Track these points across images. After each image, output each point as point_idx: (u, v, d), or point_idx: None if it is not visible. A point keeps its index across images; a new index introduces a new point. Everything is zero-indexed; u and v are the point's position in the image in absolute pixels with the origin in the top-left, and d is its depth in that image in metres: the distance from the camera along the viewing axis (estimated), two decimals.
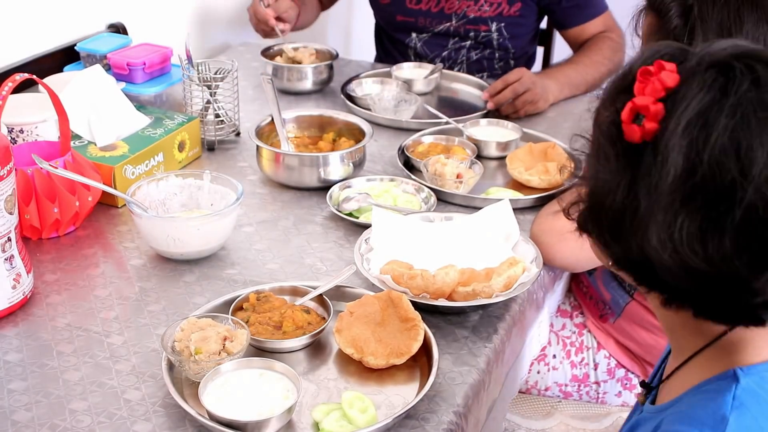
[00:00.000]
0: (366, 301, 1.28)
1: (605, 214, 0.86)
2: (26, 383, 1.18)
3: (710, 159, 0.77)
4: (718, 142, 0.77)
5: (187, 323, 1.20)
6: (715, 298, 0.84)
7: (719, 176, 0.77)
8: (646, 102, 0.81)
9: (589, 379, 1.76)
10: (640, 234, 0.82)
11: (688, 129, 0.78)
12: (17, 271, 1.30)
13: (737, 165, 0.76)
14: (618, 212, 0.84)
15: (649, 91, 0.82)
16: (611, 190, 0.84)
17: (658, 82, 0.81)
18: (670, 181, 0.79)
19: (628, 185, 0.83)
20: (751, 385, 0.85)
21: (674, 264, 0.81)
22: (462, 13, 2.25)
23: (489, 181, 1.76)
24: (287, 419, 1.10)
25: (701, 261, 0.79)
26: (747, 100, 0.77)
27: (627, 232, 0.84)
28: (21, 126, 1.57)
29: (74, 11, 2.02)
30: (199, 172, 1.53)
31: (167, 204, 1.51)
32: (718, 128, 0.77)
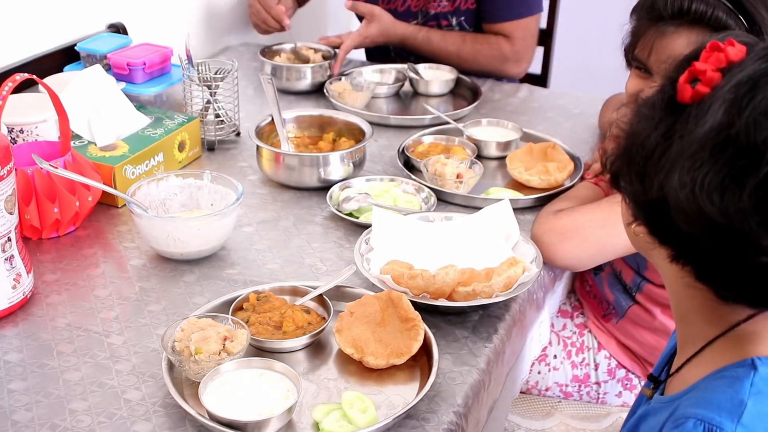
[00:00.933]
0: (366, 301, 1.28)
1: (637, 151, 0.89)
2: (26, 383, 1.18)
3: (749, 117, 0.79)
4: (762, 104, 0.80)
5: (187, 323, 1.20)
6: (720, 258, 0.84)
7: (753, 135, 0.79)
8: (705, 68, 0.85)
9: (589, 380, 1.76)
10: (664, 173, 0.84)
11: (736, 88, 0.81)
12: (17, 271, 1.30)
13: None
14: (649, 151, 0.87)
15: (712, 60, 0.86)
16: (648, 133, 0.88)
17: (723, 54, 0.85)
18: (706, 129, 0.81)
19: (665, 130, 0.86)
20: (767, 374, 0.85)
21: (690, 208, 0.82)
22: (425, 10, 2.28)
23: (489, 181, 1.76)
24: (287, 419, 1.10)
25: (716, 211, 0.80)
26: None
27: (652, 170, 0.86)
28: (21, 126, 1.57)
29: (74, 11, 2.02)
30: (199, 172, 1.53)
31: (167, 204, 1.51)
32: (764, 92, 0.80)
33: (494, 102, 2.15)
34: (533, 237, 1.50)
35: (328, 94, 2.07)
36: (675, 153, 0.84)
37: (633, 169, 0.90)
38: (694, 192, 0.81)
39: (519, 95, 2.21)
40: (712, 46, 0.87)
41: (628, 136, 0.92)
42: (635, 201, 0.92)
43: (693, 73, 0.86)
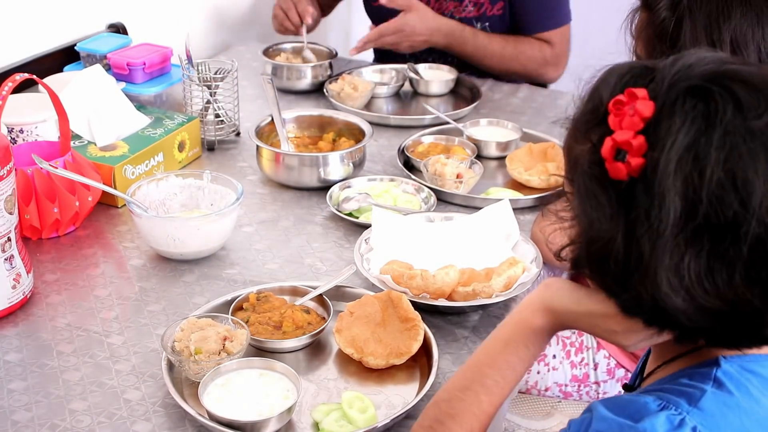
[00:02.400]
0: (366, 301, 1.28)
1: (609, 264, 0.82)
2: (26, 383, 1.18)
3: (709, 195, 0.75)
4: (714, 177, 0.75)
5: (187, 323, 1.20)
6: (729, 332, 0.83)
7: (721, 212, 0.75)
8: (626, 137, 0.78)
9: (589, 379, 1.76)
10: (650, 281, 0.79)
11: (680, 166, 0.76)
12: (17, 271, 1.30)
13: (737, 197, 0.75)
14: (622, 262, 0.81)
15: (626, 124, 0.79)
16: (611, 239, 0.81)
17: (635, 114, 0.78)
18: (672, 223, 0.76)
19: (626, 231, 0.80)
20: (730, 370, 0.85)
21: (688, 306, 0.79)
22: (449, 14, 2.26)
23: (489, 181, 1.76)
24: (287, 419, 1.10)
25: (714, 299, 0.78)
26: (734, 129, 0.75)
27: (635, 280, 0.81)
28: (21, 126, 1.57)
29: (74, 11, 2.02)
30: (199, 172, 1.53)
31: (167, 204, 1.51)
32: (711, 162, 0.75)
33: (494, 102, 2.15)
34: (533, 237, 1.49)
35: (328, 94, 2.07)
36: (650, 256, 0.78)
37: (611, 280, 0.85)
38: (689, 292, 0.78)
39: (519, 95, 2.21)
40: (615, 103, 0.80)
41: (590, 241, 0.84)
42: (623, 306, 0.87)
43: (615, 146, 0.79)
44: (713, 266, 0.77)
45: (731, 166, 0.75)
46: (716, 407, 0.82)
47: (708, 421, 0.81)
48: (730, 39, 1.33)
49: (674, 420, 0.81)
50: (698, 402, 0.82)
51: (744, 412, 0.83)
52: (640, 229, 0.78)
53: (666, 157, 0.76)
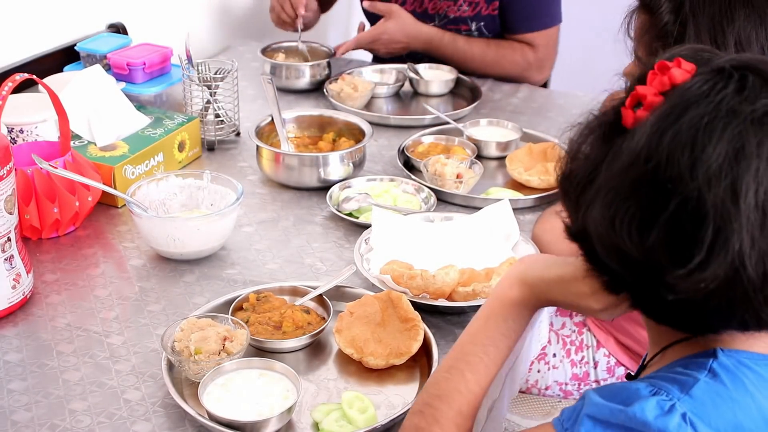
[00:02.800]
0: (366, 302, 1.28)
1: (572, 181, 0.88)
2: (26, 383, 1.18)
3: (668, 149, 0.78)
4: (680, 136, 0.78)
5: (187, 323, 1.20)
6: (641, 291, 0.85)
7: (669, 168, 0.78)
8: (647, 92, 0.82)
9: (589, 378, 1.76)
10: (586, 206, 0.84)
11: (661, 118, 0.80)
12: (17, 271, 1.30)
13: (688, 161, 0.77)
14: (580, 182, 0.86)
15: (656, 83, 0.83)
16: (582, 160, 0.87)
17: (668, 76, 0.82)
18: (627, 162, 0.80)
19: (597, 160, 0.85)
20: (727, 362, 0.85)
21: (608, 242, 0.82)
22: (443, 14, 2.27)
23: (489, 181, 1.76)
24: (287, 419, 1.10)
25: (632, 245, 0.80)
26: (724, 104, 0.78)
27: (581, 201, 0.86)
28: (21, 126, 1.57)
29: (74, 11, 2.02)
30: (199, 172, 1.53)
31: (167, 204, 1.51)
32: (685, 123, 0.78)
33: (494, 102, 2.15)
34: (535, 237, 1.49)
35: (328, 94, 2.07)
36: (598, 185, 0.83)
37: (568, 197, 0.89)
38: (613, 227, 0.81)
39: (519, 95, 2.21)
40: (660, 66, 0.84)
41: (567, 160, 0.91)
42: (567, 227, 0.91)
43: (635, 97, 0.84)
44: (642, 216, 0.79)
45: (698, 132, 0.77)
46: (708, 396, 0.83)
47: (699, 409, 0.81)
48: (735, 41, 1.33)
49: (664, 405, 0.81)
50: (690, 389, 0.83)
51: (737, 405, 0.83)
52: (605, 163, 0.83)
53: (658, 107, 0.81)
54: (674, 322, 0.88)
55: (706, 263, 0.77)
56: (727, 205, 0.76)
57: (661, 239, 0.79)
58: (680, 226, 0.78)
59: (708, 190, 0.76)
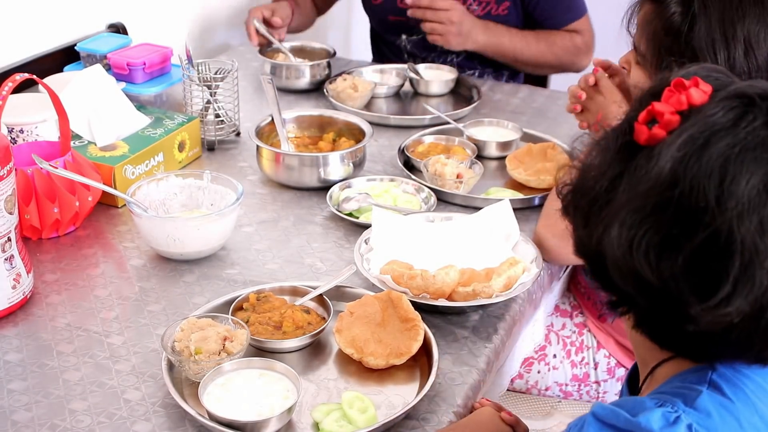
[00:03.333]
0: (366, 302, 1.28)
1: (584, 195, 0.87)
2: (26, 383, 1.18)
3: (694, 178, 0.77)
4: (708, 165, 0.77)
5: (187, 323, 1.20)
6: (654, 315, 0.84)
7: (696, 197, 0.77)
8: (664, 109, 0.82)
9: (589, 379, 1.76)
10: (604, 226, 0.83)
11: (688, 143, 0.79)
12: (17, 271, 1.30)
13: (716, 192, 0.76)
14: (595, 198, 0.85)
15: (673, 101, 0.82)
16: (597, 176, 0.86)
17: (686, 95, 0.81)
18: (650, 185, 0.79)
19: (614, 176, 0.84)
20: (726, 373, 0.85)
21: (625, 265, 0.81)
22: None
23: (489, 181, 1.76)
24: (287, 419, 1.10)
25: (650, 271, 0.80)
26: (753, 136, 0.77)
27: (595, 218, 0.85)
28: (21, 126, 1.57)
29: (74, 11, 2.02)
30: (200, 172, 1.53)
31: (167, 204, 1.51)
32: (714, 152, 0.77)
33: (494, 102, 2.15)
34: (536, 236, 1.49)
35: (328, 94, 2.07)
36: (618, 205, 0.82)
37: (579, 211, 0.89)
38: (631, 250, 0.80)
39: (519, 95, 2.21)
40: (676, 83, 0.83)
41: (582, 169, 0.89)
42: (577, 243, 0.91)
43: (651, 113, 0.83)
44: (664, 242, 0.79)
45: (729, 164, 0.76)
46: (713, 408, 0.82)
47: (705, 421, 0.81)
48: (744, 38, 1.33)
49: (670, 417, 0.81)
50: (694, 402, 0.83)
51: (741, 415, 0.83)
52: (624, 180, 0.82)
53: (682, 129, 0.80)
54: (682, 349, 0.87)
55: (731, 297, 0.76)
56: (756, 241, 0.75)
57: (684, 269, 0.78)
58: (706, 258, 0.77)
59: (739, 224, 0.75)
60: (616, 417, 0.83)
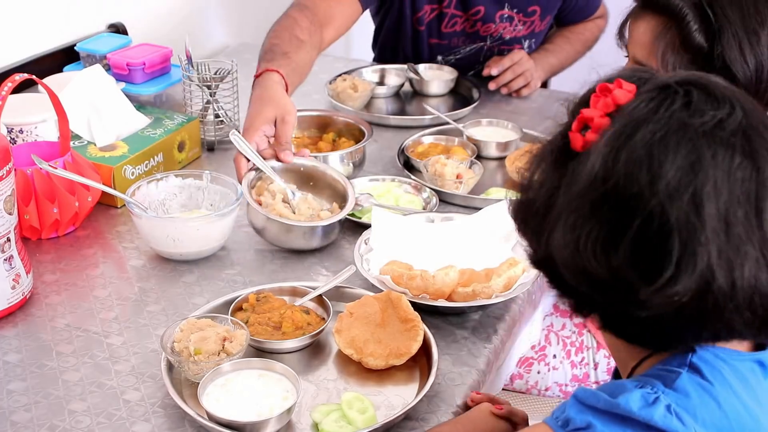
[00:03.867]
0: (366, 302, 1.28)
1: (528, 209, 0.89)
2: (25, 384, 1.18)
3: (624, 168, 0.79)
4: (635, 154, 0.79)
5: (187, 324, 1.20)
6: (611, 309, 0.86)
7: (628, 186, 0.79)
8: (593, 114, 0.84)
9: (589, 379, 1.76)
10: (548, 232, 0.85)
11: (614, 138, 0.81)
12: (16, 272, 1.30)
13: (647, 177, 0.78)
14: (537, 209, 0.87)
15: (600, 105, 0.84)
16: (538, 189, 0.88)
17: (611, 98, 0.84)
18: (584, 184, 0.81)
19: (552, 185, 0.86)
20: (705, 356, 0.86)
21: (574, 266, 0.83)
22: (498, 35, 2.23)
23: (489, 182, 1.76)
24: (286, 420, 1.10)
25: (598, 267, 0.81)
26: (674, 119, 0.79)
27: (540, 229, 0.87)
28: (21, 126, 1.57)
29: (74, 11, 2.02)
30: (199, 173, 1.53)
31: (167, 204, 1.51)
32: (639, 141, 0.79)
33: (494, 102, 2.15)
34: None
35: (328, 95, 2.07)
36: (558, 209, 0.84)
37: (527, 225, 0.90)
38: (577, 250, 0.82)
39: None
40: (601, 88, 0.85)
41: (525, 185, 0.91)
42: (530, 255, 0.92)
43: (582, 120, 0.85)
44: (606, 236, 0.80)
45: (654, 148, 0.79)
46: (692, 389, 0.84)
47: (683, 401, 0.83)
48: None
49: (649, 398, 0.83)
50: (673, 383, 0.84)
51: (721, 397, 0.84)
52: (562, 186, 0.84)
53: (609, 128, 0.82)
54: (646, 339, 0.89)
55: (676, 277, 0.78)
56: (691, 218, 0.77)
57: (628, 257, 0.80)
58: (646, 243, 0.79)
59: (670, 205, 0.77)
60: (596, 399, 0.85)
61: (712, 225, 0.77)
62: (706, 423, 0.82)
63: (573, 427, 0.85)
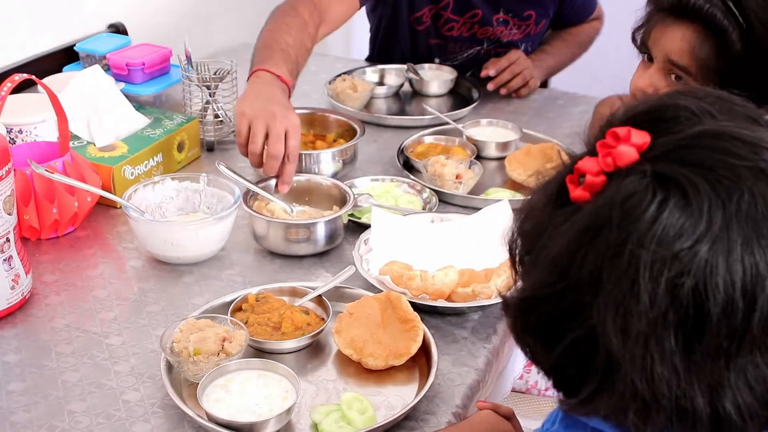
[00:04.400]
0: (365, 302, 1.27)
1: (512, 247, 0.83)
2: (25, 384, 1.18)
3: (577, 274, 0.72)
4: (587, 265, 0.71)
5: (186, 324, 1.20)
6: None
7: (577, 293, 0.73)
8: (588, 169, 0.74)
9: None
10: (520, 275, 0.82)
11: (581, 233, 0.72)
12: (16, 272, 1.30)
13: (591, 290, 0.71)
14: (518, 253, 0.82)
15: (600, 161, 0.74)
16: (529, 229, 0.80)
17: (611, 157, 0.73)
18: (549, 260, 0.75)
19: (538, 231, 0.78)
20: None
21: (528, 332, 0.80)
22: (495, 38, 2.24)
23: (488, 182, 1.76)
24: (286, 420, 1.10)
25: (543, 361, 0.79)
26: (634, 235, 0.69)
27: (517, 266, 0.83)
28: (20, 126, 1.57)
29: (74, 11, 2.02)
30: (196, 175, 1.53)
31: (163, 208, 1.51)
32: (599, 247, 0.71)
33: (494, 102, 2.15)
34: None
35: (328, 95, 2.07)
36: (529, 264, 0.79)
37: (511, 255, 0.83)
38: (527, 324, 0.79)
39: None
40: (610, 135, 0.74)
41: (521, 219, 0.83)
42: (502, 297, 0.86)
43: (578, 170, 0.75)
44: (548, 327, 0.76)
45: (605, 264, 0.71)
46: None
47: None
48: None
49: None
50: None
51: None
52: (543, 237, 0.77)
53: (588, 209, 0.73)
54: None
55: (593, 397, 0.74)
56: (618, 348, 0.70)
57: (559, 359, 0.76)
58: (576, 355, 0.74)
59: (605, 326, 0.71)
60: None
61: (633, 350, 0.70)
62: None
63: None
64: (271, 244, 1.47)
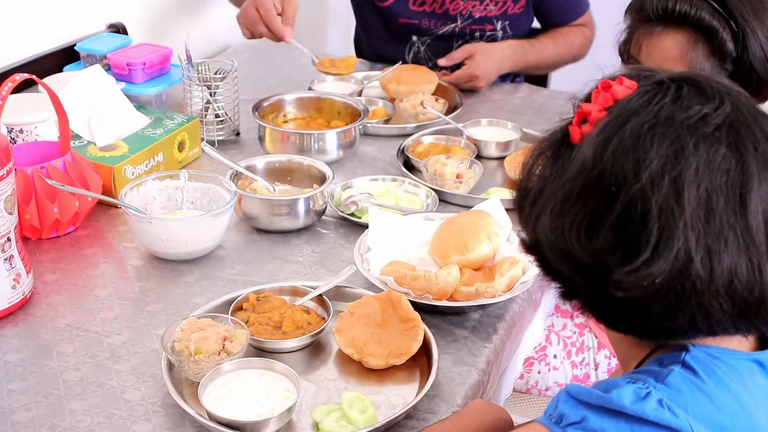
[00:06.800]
0: (366, 302, 1.28)
1: (524, 197, 0.93)
2: (26, 383, 1.18)
3: (612, 156, 0.82)
4: (623, 142, 0.82)
5: (187, 323, 1.20)
6: (593, 294, 0.88)
7: (614, 173, 0.82)
8: (592, 108, 0.87)
9: (589, 379, 1.76)
10: (535, 216, 0.89)
11: (605, 128, 0.84)
12: (17, 271, 1.30)
13: (631, 165, 0.81)
14: (532, 197, 0.91)
15: (600, 100, 0.87)
16: (534, 178, 0.91)
17: (610, 93, 0.87)
18: (574, 171, 0.85)
19: (546, 175, 0.90)
20: (699, 355, 0.87)
21: (558, 249, 0.86)
22: (467, 14, 2.22)
23: (489, 181, 1.76)
24: (287, 419, 1.10)
25: (582, 250, 0.84)
26: (663, 112, 0.83)
27: (531, 215, 0.90)
28: (21, 126, 1.57)
29: (74, 11, 2.02)
30: (176, 173, 1.53)
31: (149, 209, 1.49)
32: (628, 131, 0.83)
33: (494, 102, 2.15)
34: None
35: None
36: (547, 196, 0.88)
37: (523, 212, 0.93)
38: (562, 234, 0.85)
39: (519, 95, 2.21)
40: (603, 84, 0.88)
41: (523, 176, 0.94)
42: (521, 241, 0.96)
43: (581, 114, 0.88)
44: (589, 221, 0.83)
45: (640, 139, 0.82)
46: (684, 385, 0.84)
47: (675, 396, 0.83)
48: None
49: (641, 392, 0.83)
50: (665, 379, 0.85)
51: (713, 394, 0.84)
52: (553, 173, 0.88)
53: (601, 120, 0.85)
54: (625, 324, 0.90)
55: (651, 259, 0.80)
56: (670, 204, 0.79)
57: (609, 240, 0.82)
58: (626, 226, 0.81)
59: (651, 190, 0.80)
60: (589, 394, 0.86)
61: (690, 211, 0.79)
62: (698, 417, 0.82)
63: (567, 422, 0.86)
64: (257, 221, 1.54)
